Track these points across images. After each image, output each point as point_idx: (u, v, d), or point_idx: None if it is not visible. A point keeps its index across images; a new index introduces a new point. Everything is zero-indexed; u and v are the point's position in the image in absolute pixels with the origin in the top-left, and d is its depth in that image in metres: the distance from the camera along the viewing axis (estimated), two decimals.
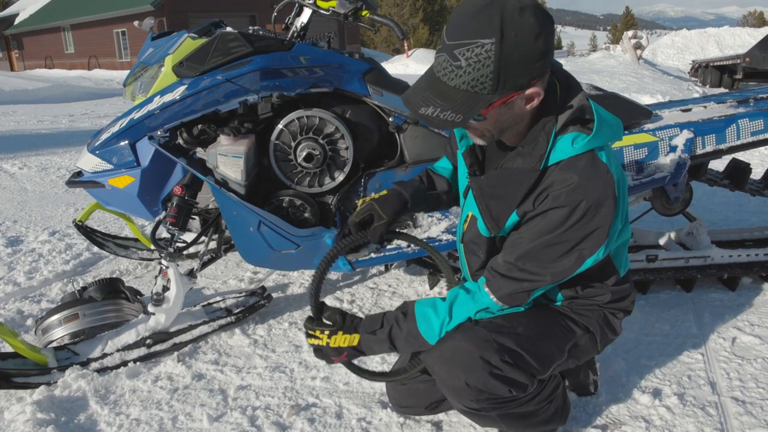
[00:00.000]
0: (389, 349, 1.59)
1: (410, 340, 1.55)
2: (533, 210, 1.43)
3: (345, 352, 1.60)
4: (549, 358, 1.58)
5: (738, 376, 2.17)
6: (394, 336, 1.57)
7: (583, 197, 1.35)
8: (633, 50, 14.38)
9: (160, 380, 2.24)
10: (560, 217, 1.37)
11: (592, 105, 1.42)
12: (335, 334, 1.59)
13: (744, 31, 22.74)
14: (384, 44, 37.51)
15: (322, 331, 1.60)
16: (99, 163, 2.41)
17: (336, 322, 1.61)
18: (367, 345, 1.59)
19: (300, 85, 2.35)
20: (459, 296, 1.54)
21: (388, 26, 2.57)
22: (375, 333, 1.58)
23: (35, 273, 3.24)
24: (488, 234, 1.57)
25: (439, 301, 1.55)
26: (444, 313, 1.52)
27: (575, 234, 1.38)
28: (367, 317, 1.63)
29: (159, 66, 2.44)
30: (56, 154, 6.69)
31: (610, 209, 1.38)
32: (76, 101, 13.51)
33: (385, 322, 1.59)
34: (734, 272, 2.83)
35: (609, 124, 1.44)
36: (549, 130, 1.38)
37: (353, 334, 1.59)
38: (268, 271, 3.19)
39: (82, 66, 28.78)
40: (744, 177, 2.88)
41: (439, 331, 1.53)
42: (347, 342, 1.59)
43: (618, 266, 1.66)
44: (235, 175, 2.34)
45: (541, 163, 1.39)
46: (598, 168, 1.38)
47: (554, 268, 1.43)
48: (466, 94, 1.27)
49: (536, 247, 1.42)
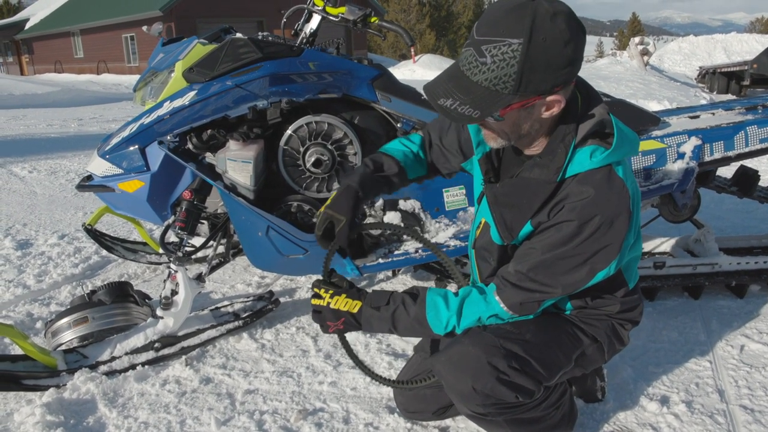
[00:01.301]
0: (388, 329, 1.59)
1: (414, 326, 1.56)
2: (547, 221, 1.43)
3: (343, 317, 1.61)
4: (556, 365, 1.58)
5: (746, 384, 2.16)
6: (397, 317, 1.56)
7: (597, 212, 1.35)
8: (640, 56, 14.36)
9: (168, 384, 2.24)
10: (573, 230, 1.37)
11: (612, 119, 1.41)
12: (338, 295, 1.61)
13: (751, 37, 22.64)
14: (390, 50, 37.62)
15: (327, 290, 1.62)
16: (109, 168, 2.43)
17: (343, 286, 1.64)
18: (367, 319, 1.59)
19: (309, 90, 2.36)
20: (471, 295, 1.53)
21: (397, 33, 2.57)
22: (379, 309, 1.58)
23: (45, 276, 3.25)
24: (501, 242, 1.57)
25: (452, 294, 1.55)
26: (454, 308, 1.52)
27: (588, 248, 1.38)
28: (373, 292, 1.63)
29: (169, 71, 2.46)
30: (65, 157, 6.71)
31: (623, 225, 1.38)
32: (85, 105, 13.55)
33: (391, 301, 1.58)
34: (742, 280, 2.82)
35: (629, 139, 1.43)
36: (568, 142, 1.38)
37: (356, 301, 1.60)
38: (275, 275, 3.20)
39: (91, 70, 28.92)
40: (752, 184, 2.87)
41: (446, 324, 1.52)
42: (347, 306, 1.60)
43: (628, 279, 1.66)
44: (244, 180, 2.35)
45: (558, 175, 1.38)
46: (615, 183, 1.38)
47: (565, 280, 1.43)
48: (487, 91, 1.26)
49: (548, 259, 1.41)
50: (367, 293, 1.63)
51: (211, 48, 2.41)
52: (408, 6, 41.84)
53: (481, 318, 1.53)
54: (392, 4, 41.82)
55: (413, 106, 2.50)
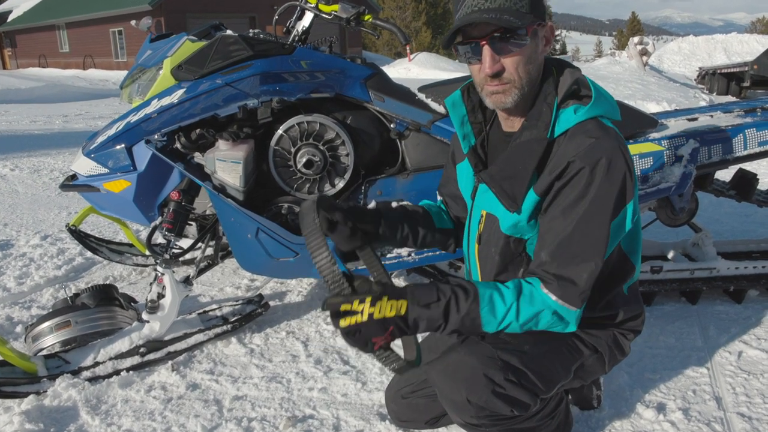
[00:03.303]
0: (436, 327, 1.35)
1: (465, 322, 1.36)
2: (557, 183, 1.40)
3: (391, 326, 1.29)
4: (554, 378, 1.55)
5: (744, 391, 2.13)
6: (450, 311, 1.34)
7: (602, 154, 1.37)
8: (639, 56, 14.35)
9: (154, 390, 2.20)
10: (587, 177, 1.37)
11: (587, 79, 1.48)
12: (379, 300, 1.27)
13: (752, 37, 22.69)
14: (386, 47, 37.59)
15: (361, 300, 1.27)
16: (94, 167, 2.39)
17: (373, 289, 1.30)
18: (415, 320, 1.32)
19: (301, 90, 2.32)
20: (524, 288, 1.41)
21: (391, 31, 2.54)
22: (429, 306, 1.33)
23: (26, 278, 3.19)
24: (509, 229, 1.52)
25: (502, 287, 1.40)
26: (511, 300, 1.37)
27: (606, 191, 1.37)
28: (414, 286, 1.37)
29: (157, 68, 2.41)
30: (49, 155, 6.66)
31: (629, 160, 1.41)
32: (71, 101, 13.50)
33: (441, 295, 1.35)
34: (740, 285, 2.80)
35: (605, 97, 1.49)
36: (551, 101, 1.44)
37: (400, 300, 1.30)
38: (265, 278, 3.16)
39: (77, 65, 28.53)
40: (751, 188, 2.84)
41: (500, 321, 1.37)
42: (394, 309, 1.29)
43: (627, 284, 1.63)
44: (233, 181, 2.31)
45: (548, 131, 1.42)
46: (607, 128, 1.43)
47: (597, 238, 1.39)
48: (512, 10, 1.35)
49: (574, 220, 1.38)
50: (405, 287, 1.36)
51: (200, 45, 2.36)
52: (404, 3, 41.84)
53: (539, 315, 1.40)
54: (388, 1, 41.85)
55: (407, 107, 2.46)
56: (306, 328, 2.65)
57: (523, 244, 1.55)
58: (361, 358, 2.39)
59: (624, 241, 1.55)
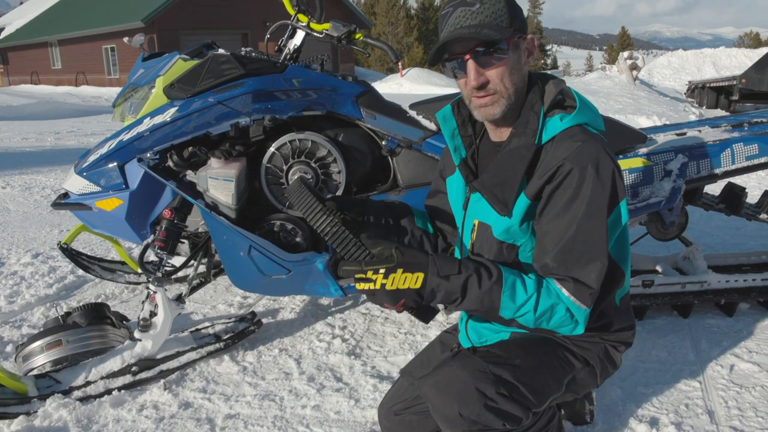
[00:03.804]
0: (453, 299, 1.35)
1: (483, 300, 1.36)
2: (548, 186, 1.43)
3: (403, 297, 1.31)
4: (546, 391, 1.55)
5: (736, 405, 2.14)
6: (469, 286, 1.34)
7: (589, 156, 1.40)
8: (629, 71, 14.48)
9: (146, 409, 2.18)
10: (578, 177, 1.39)
11: (572, 90, 1.52)
12: (393, 272, 1.28)
13: (740, 51, 22.97)
14: (378, 63, 37.76)
15: (375, 270, 1.29)
16: (86, 185, 2.39)
17: (391, 257, 1.30)
18: (432, 290, 1.32)
19: (292, 108, 2.33)
20: (544, 282, 1.42)
21: (382, 49, 2.56)
22: (448, 278, 1.33)
23: (16, 297, 3.17)
24: (502, 235, 1.53)
25: (525, 276, 1.41)
26: (532, 290, 1.39)
27: (598, 191, 1.40)
28: (437, 255, 1.36)
29: (150, 87, 2.42)
30: (41, 173, 6.63)
31: (614, 162, 1.44)
32: (63, 118, 13.42)
33: (463, 269, 1.34)
34: (731, 298, 2.81)
35: (589, 107, 1.53)
36: (537, 109, 1.48)
37: (416, 273, 1.31)
38: (258, 296, 3.15)
39: (69, 82, 28.40)
40: (739, 201, 2.86)
41: (518, 307, 1.37)
42: (408, 283, 1.30)
43: (618, 294, 1.64)
44: (225, 199, 2.31)
45: (536, 137, 1.45)
46: (591, 133, 1.47)
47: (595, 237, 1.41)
48: (492, 25, 1.40)
49: (572, 221, 1.40)
50: (427, 255, 1.35)
51: (192, 64, 2.38)
52: (395, 19, 42.20)
53: (554, 309, 1.41)
54: (379, 17, 42.16)
55: (398, 124, 2.48)
56: (299, 345, 2.65)
57: (516, 251, 1.56)
58: (354, 375, 2.38)
59: (613, 247, 1.56)
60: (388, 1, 42.75)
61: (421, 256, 1.34)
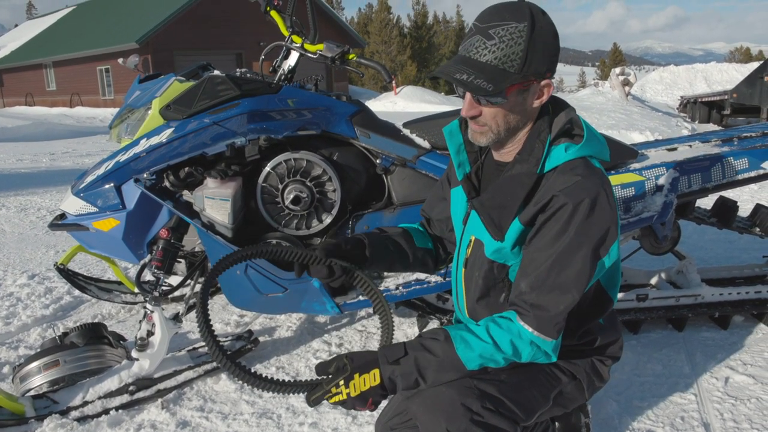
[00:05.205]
0: (414, 381, 1.42)
1: (445, 366, 1.42)
2: (541, 216, 1.44)
3: (370, 397, 1.39)
4: (532, 405, 1.56)
5: (732, 417, 2.15)
6: (422, 364, 1.40)
7: (585, 195, 1.40)
8: (621, 87, 14.57)
9: (143, 429, 2.18)
10: (569, 213, 1.40)
11: (581, 119, 1.52)
12: (350, 379, 1.37)
13: (731, 66, 23.15)
14: (372, 81, 37.94)
15: (336, 385, 1.38)
16: (83, 206, 2.40)
17: (344, 367, 1.39)
18: (390, 379, 1.39)
19: (287, 127, 2.36)
20: (496, 320, 1.46)
21: (375, 69, 2.59)
22: (398, 362, 1.40)
23: (13, 318, 3.17)
24: (493, 254, 1.55)
25: (473, 324, 1.46)
26: (483, 335, 1.43)
27: (587, 230, 1.41)
28: (381, 348, 1.44)
29: (146, 108, 2.45)
30: (36, 194, 6.63)
31: (612, 204, 1.44)
32: (58, 139, 13.39)
33: (409, 349, 1.41)
34: (725, 311, 2.82)
35: (597, 138, 1.53)
36: (544, 138, 1.48)
37: (372, 371, 1.39)
38: (254, 314, 3.14)
39: (64, 103, 28.36)
40: (731, 215, 2.89)
41: (480, 353, 1.42)
42: (368, 382, 1.38)
43: (608, 297, 1.65)
44: (222, 218, 2.33)
45: (539, 166, 1.46)
46: (594, 168, 1.47)
47: (574, 272, 1.42)
48: (496, 69, 1.38)
49: (554, 253, 1.41)
50: (374, 353, 1.43)
51: (188, 85, 2.41)
52: (389, 38, 42.52)
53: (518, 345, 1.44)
54: (373, 36, 42.48)
55: (393, 142, 2.51)
56: (296, 362, 2.65)
57: (506, 271, 1.58)
58: None
59: (603, 277, 1.58)
60: (381, 20, 43.13)
61: (370, 355, 1.42)
